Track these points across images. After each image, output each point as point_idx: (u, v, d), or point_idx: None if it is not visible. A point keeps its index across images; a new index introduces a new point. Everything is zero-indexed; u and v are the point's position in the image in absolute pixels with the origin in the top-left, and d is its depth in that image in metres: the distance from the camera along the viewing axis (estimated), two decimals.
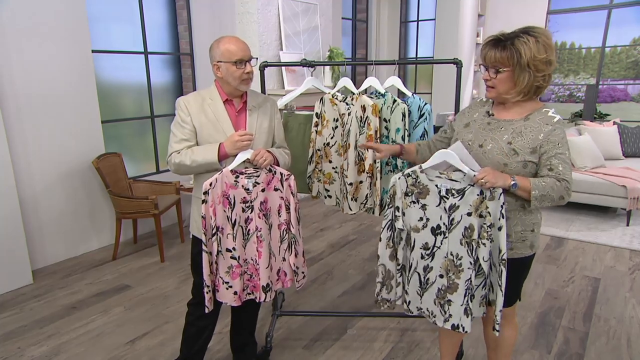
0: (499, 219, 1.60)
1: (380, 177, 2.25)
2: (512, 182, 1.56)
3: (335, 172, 2.40)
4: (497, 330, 1.72)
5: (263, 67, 2.33)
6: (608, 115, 6.49)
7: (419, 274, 1.77)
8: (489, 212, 1.61)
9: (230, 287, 1.90)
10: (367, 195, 2.29)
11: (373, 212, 2.32)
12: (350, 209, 2.32)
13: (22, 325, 2.73)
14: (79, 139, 3.65)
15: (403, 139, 2.22)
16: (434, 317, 1.78)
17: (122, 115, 4.19)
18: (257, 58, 1.93)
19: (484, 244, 1.63)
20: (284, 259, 1.98)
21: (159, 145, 4.46)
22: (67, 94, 3.53)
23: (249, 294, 1.97)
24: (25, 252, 3.23)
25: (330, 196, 2.47)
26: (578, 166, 4.63)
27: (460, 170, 1.64)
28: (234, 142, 1.81)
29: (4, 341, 2.57)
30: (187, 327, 2.10)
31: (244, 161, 1.84)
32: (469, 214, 1.65)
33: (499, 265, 1.64)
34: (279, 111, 2.13)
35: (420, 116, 2.25)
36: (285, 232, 1.95)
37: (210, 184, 1.80)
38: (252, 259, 1.92)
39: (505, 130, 1.66)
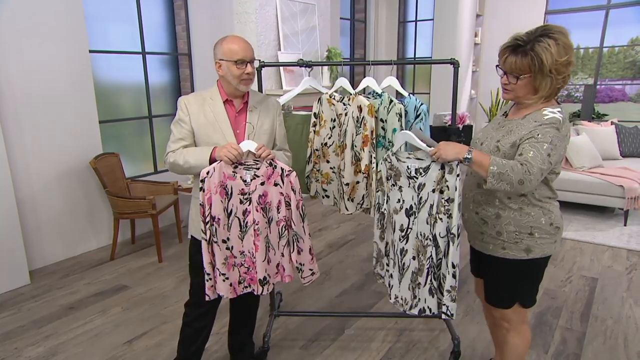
0: (454, 191, 1.62)
1: (377, 178, 2.25)
2: (466, 156, 1.55)
3: (333, 172, 2.40)
4: (447, 314, 1.73)
5: (260, 67, 2.33)
6: (606, 115, 6.49)
7: (397, 256, 1.82)
8: (447, 186, 1.64)
9: (227, 278, 1.90)
10: (363, 195, 2.29)
11: (370, 213, 2.32)
12: (347, 209, 2.32)
13: (19, 325, 2.73)
14: (77, 139, 3.65)
15: None
16: (406, 304, 1.83)
17: (119, 116, 4.19)
18: (259, 60, 1.93)
19: (440, 219, 1.66)
20: (282, 255, 1.96)
21: (157, 145, 4.46)
22: (65, 94, 3.53)
23: (246, 287, 1.95)
24: (23, 252, 3.23)
25: (328, 196, 2.47)
26: (576, 166, 4.64)
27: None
28: (223, 150, 1.78)
29: (1, 342, 2.57)
30: (184, 328, 2.10)
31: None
32: (433, 191, 1.70)
33: (449, 239, 1.65)
34: (281, 113, 2.13)
35: (417, 116, 2.25)
36: (284, 229, 1.92)
37: (208, 173, 1.79)
38: (249, 252, 1.90)
39: (503, 130, 1.68)
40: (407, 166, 1.73)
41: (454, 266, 1.65)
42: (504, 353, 1.92)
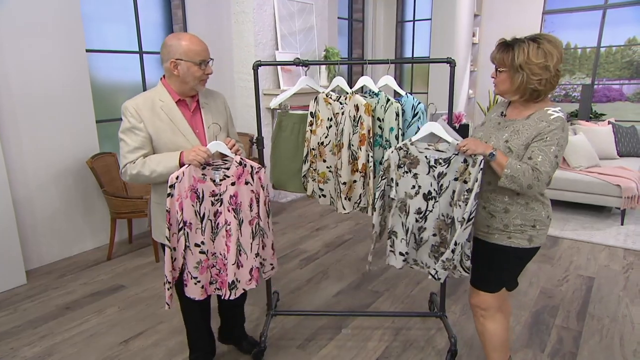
0: (475, 182, 1.78)
1: (374, 177, 2.25)
2: (491, 152, 1.69)
3: (330, 171, 2.40)
4: (435, 277, 1.92)
5: (256, 66, 2.32)
6: (603, 115, 6.50)
7: (414, 234, 2.00)
8: (470, 178, 1.81)
9: (199, 281, 1.89)
10: (360, 194, 2.29)
11: (367, 212, 2.32)
12: (344, 209, 2.32)
13: (15, 325, 2.72)
14: (74, 139, 3.64)
15: (397, 138, 2.22)
16: (428, 267, 2.04)
17: (117, 115, 4.18)
18: (213, 59, 1.90)
19: (459, 205, 1.86)
20: (256, 255, 1.92)
21: None
22: (62, 93, 3.52)
23: (218, 289, 1.94)
24: (19, 252, 3.22)
25: (324, 195, 2.47)
26: (573, 165, 4.64)
27: (445, 142, 1.86)
28: (192, 154, 1.76)
29: None
30: (183, 308, 2.17)
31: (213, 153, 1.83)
32: (456, 179, 1.87)
33: (463, 223, 1.82)
34: (228, 106, 2.13)
35: (414, 115, 2.25)
36: (257, 227, 1.91)
37: (177, 177, 1.74)
38: (220, 254, 1.89)
39: (507, 129, 1.77)
40: (426, 156, 1.90)
41: (455, 244, 1.82)
42: (485, 342, 2.00)
